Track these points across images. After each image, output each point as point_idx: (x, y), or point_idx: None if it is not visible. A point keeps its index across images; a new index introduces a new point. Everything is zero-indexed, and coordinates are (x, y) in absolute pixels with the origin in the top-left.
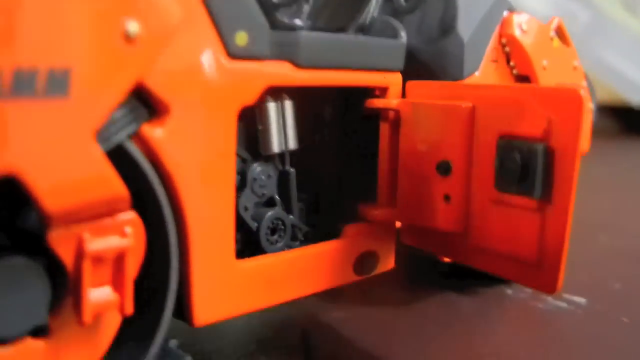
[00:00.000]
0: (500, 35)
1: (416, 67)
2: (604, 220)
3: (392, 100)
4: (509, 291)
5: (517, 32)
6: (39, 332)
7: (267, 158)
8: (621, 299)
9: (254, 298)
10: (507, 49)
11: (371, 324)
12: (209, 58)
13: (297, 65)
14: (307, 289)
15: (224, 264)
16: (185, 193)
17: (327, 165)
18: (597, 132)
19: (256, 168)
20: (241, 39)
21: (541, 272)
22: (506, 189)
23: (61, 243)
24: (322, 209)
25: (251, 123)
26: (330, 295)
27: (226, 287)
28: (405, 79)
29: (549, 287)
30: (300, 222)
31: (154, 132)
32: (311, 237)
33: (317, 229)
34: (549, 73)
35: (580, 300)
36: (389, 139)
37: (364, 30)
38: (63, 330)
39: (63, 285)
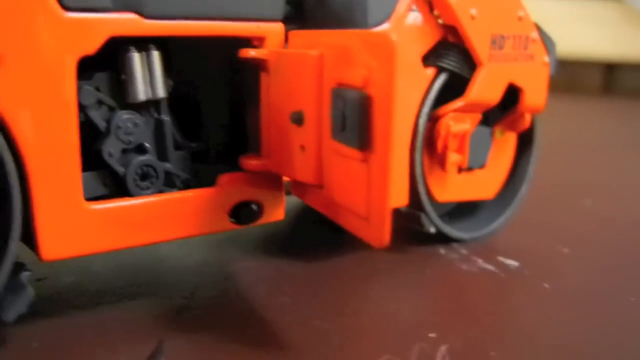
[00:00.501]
0: None
1: (325, 17)
2: (594, 182)
3: (262, 50)
4: (442, 251)
5: None
6: None
7: (138, 107)
8: (557, 265)
9: (107, 239)
10: None
11: (271, 273)
12: (38, 11)
13: (144, 15)
14: (171, 234)
15: (69, 206)
16: (21, 138)
17: (216, 115)
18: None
19: (122, 116)
20: None
21: (370, 225)
22: (337, 139)
23: None
24: (210, 158)
25: (119, 74)
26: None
27: (73, 227)
28: (315, 28)
29: (377, 240)
30: (179, 170)
31: None
32: (192, 186)
33: (201, 178)
34: (480, 23)
35: (513, 263)
36: (266, 89)
37: None
38: None
39: None
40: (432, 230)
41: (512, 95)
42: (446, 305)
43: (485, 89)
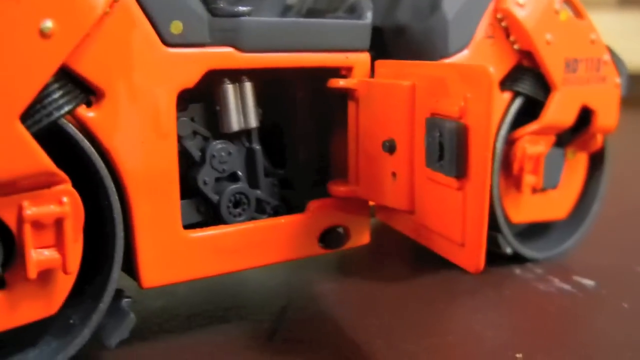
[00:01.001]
0: (496, 10)
1: (407, 45)
2: None
3: (351, 80)
4: (517, 271)
5: (511, 6)
6: None
7: (231, 136)
8: (633, 283)
9: (204, 265)
10: (504, 23)
11: (354, 296)
12: (141, 46)
13: (241, 49)
14: (264, 259)
15: (169, 233)
16: (124, 168)
17: (303, 143)
18: None
19: (215, 145)
20: (176, 27)
21: (464, 251)
22: (431, 167)
23: (4, 209)
24: (296, 185)
25: (213, 105)
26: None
27: (172, 254)
28: (397, 57)
29: (472, 266)
30: (269, 196)
31: (89, 113)
32: (282, 212)
33: (290, 204)
34: (555, 48)
35: (589, 282)
36: (355, 118)
37: (349, 10)
38: (17, 284)
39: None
40: (509, 251)
41: (584, 116)
42: (529, 326)
43: (559, 111)
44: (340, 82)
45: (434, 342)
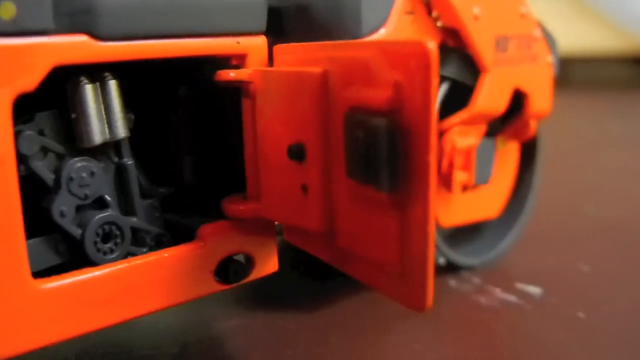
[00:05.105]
0: None
1: (310, 26)
2: (599, 186)
3: (244, 70)
4: (452, 283)
5: None
6: None
7: (93, 151)
8: (584, 288)
9: (64, 325)
10: None
11: (266, 334)
12: None
13: (98, 37)
14: (146, 307)
15: (11, 286)
16: None
17: (187, 152)
18: (619, 84)
19: (73, 164)
20: (6, 10)
21: (406, 284)
22: (356, 178)
23: None
24: (184, 206)
25: (67, 112)
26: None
27: (20, 315)
28: (299, 41)
29: (416, 301)
30: (149, 224)
31: None
32: (166, 242)
33: (177, 230)
34: (484, 23)
35: (535, 290)
36: (252, 118)
37: None
38: None
39: None
40: (442, 261)
41: (514, 101)
42: (478, 353)
43: (491, 97)
44: (231, 74)
45: None
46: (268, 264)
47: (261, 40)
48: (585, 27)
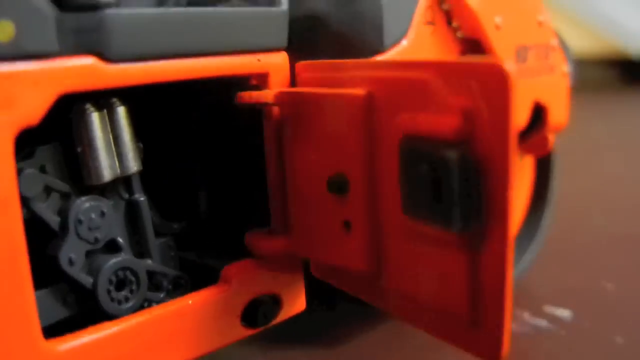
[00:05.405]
0: None
1: (327, 40)
2: (601, 196)
3: (269, 92)
4: None
5: None
6: None
7: (102, 188)
8: (614, 308)
9: None
10: (445, 6)
11: None
12: None
13: (107, 58)
14: None
15: (21, 348)
16: None
17: (205, 183)
18: (595, 86)
19: (81, 205)
20: (4, 30)
21: (477, 332)
22: (416, 215)
23: None
24: (201, 243)
25: (71, 145)
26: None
27: None
28: (314, 57)
29: (489, 352)
30: (165, 264)
31: None
32: (184, 285)
33: (195, 271)
34: (505, 33)
35: (564, 314)
36: (277, 144)
37: None
38: None
39: None
40: None
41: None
42: None
43: None
44: (254, 96)
45: None
46: (296, 304)
47: (283, 57)
48: (561, 30)
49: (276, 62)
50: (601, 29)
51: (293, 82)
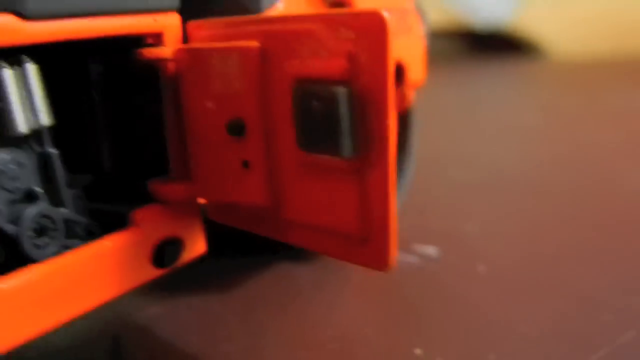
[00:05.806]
0: None
1: (213, 3)
2: (453, 152)
3: (166, 49)
4: None
5: None
6: None
7: (17, 141)
8: (475, 244)
9: (17, 329)
10: None
11: (193, 317)
12: None
13: (25, 16)
14: (96, 300)
15: None
16: None
17: (107, 136)
18: (445, 56)
19: (1, 156)
20: None
21: (367, 247)
22: (311, 148)
23: None
24: (109, 192)
25: None
26: (142, 289)
27: None
28: (191, 17)
29: (379, 263)
30: (78, 214)
31: None
32: (96, 231)
33: (106, 218)
34: None
35: (432, 250)
36: (173, 97)
37: None
38: None
39: None
40: None
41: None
42: (397, 310)
43: None
44: (151, 53)
45: (315, 355)
46: (198, 246)
47: (175, 18)
48: None
49: (170, 22)
50: (450, 4)
51: (185, 41)
